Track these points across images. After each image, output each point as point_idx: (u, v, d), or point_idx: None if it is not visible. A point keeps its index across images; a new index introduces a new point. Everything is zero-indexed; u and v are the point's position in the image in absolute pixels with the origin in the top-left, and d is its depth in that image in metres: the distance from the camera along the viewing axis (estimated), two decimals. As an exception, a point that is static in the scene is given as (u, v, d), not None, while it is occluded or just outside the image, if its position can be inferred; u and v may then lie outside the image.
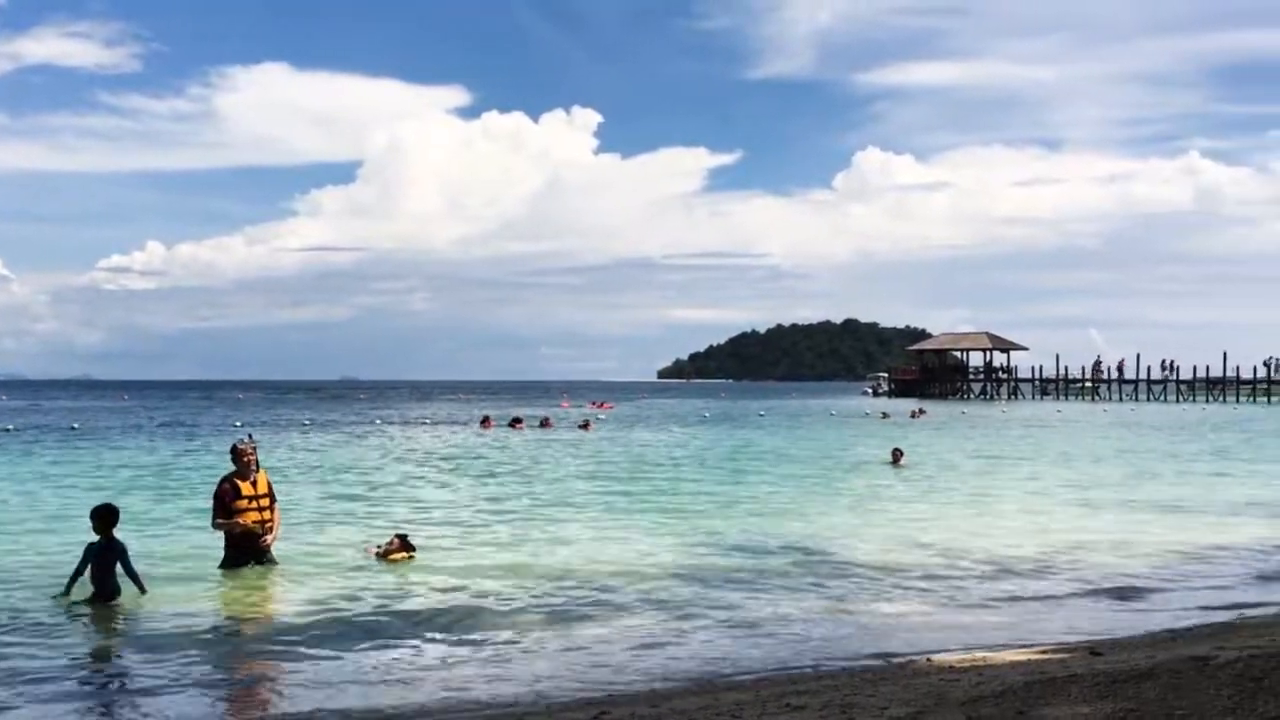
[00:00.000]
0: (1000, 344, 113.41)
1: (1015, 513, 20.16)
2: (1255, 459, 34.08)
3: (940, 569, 14.12)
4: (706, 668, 9.60)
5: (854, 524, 18.21)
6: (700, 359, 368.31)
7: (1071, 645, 9.52)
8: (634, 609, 11.77)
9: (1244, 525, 18.64)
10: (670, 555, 15.10)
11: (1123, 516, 19.75)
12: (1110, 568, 14.39)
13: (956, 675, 8.01)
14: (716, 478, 26.73)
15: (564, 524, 18.36)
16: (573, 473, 28.02)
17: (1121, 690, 6.42)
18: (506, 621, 11.17)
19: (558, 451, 35.67)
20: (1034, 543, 16.27)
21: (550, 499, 22.01)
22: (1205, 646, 7.96)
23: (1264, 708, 5.69)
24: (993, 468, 30.21)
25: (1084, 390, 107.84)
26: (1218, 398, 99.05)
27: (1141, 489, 24.59)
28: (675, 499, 21.90)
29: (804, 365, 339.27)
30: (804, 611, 11.68)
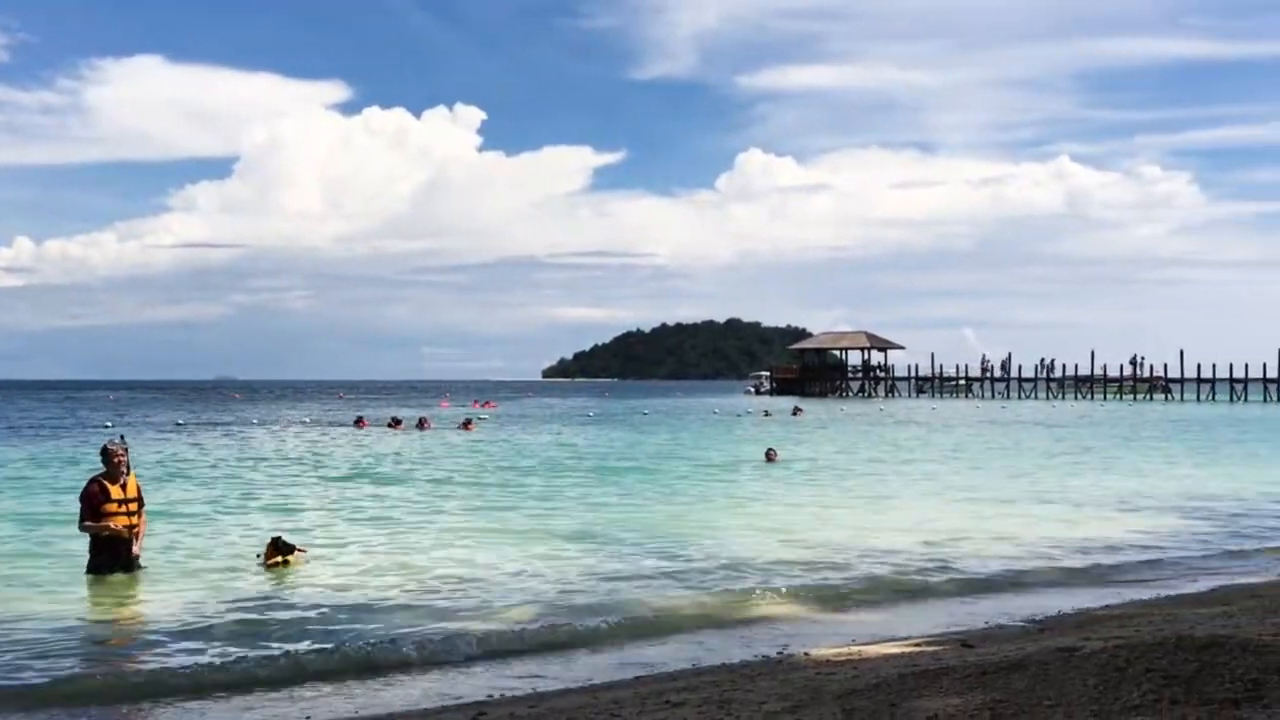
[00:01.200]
0: (878, 343, 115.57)
1: (889, 508, 20.50)
2: (1119, 455, 35.18)
3: (815, 565, 14.27)
4: (584, 665, 9.57)
5: (729, 522, 18.30)
6: (585, 358, 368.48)
7: (945, 638, 9.67)
8: (510, 609, 11.67)
9: (1110, 518, 19.21)
10: (547, 555, 15.01)
11: (994, 510, 20.20)
12: (983, 561, 14.69)
13: (833, 669, 8.07)
14: (596, 477, 26.69)
15: (439, 526, 18.14)
16: (450, 473, 27.74)
17: (992, 681, 6.52)
18: (381, 625, 10.98)
19: (436, 452, 35.29)
20: (908, 537, 16.55)
21: (426, 500, 21.75)
22: (1072, 637, 8.14)
23: (1127, 696, 5.82)
24: (868, 465, 30.69)
25: (958, 388, 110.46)
26: (1086, 395, 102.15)
27: (1012, 484, 25.21)
28: (553, 499, 21.80)
29: (688, 364, 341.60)
30: (681, 609, 11.70)
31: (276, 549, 14.09)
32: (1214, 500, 21.87)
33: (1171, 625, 8.96)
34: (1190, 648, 6.50)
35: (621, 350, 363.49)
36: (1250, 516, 19.59)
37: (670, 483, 24.96)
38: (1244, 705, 5.50)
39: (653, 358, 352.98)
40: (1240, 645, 6.48)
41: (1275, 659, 6.15)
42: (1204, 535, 17.37)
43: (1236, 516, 19.52)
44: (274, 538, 14.41)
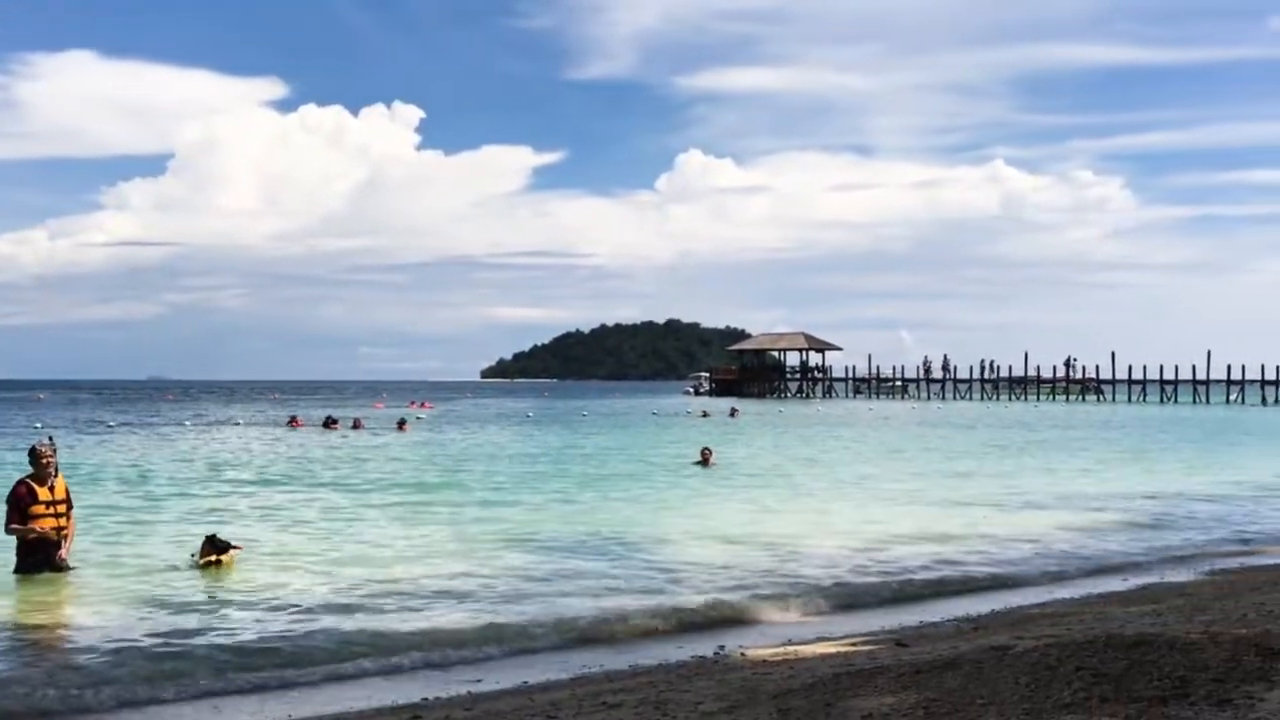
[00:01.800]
0: (816, 344, 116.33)
1: (824, 509, 20.60)
2: (1052, 456, 35.68)
3: (751, 565, 14.31)
4: (522, 667, 9.55)
5: (664, 524, 18.27)
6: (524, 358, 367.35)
7: (880, 637, 9.75)
8: (446, 612, 11.60)
9: (1042, 517, 19.45)
10: (482, 557, 14.93)
11: (928, 511, 20.40)
12: (917, 561, 14.81)
13: (769, 669, 8.11)
14: (532, 478, 26.58)
15: (372, 527, 17.99)
16: (384, 475, 27.52)
17: (925, 680, 6.58)
18: (314, 627, 10.87)
19: (370, 453, 34.99)
20: (842, 538, 16.64)
21: (359, 502, 21.56)
22: (1005, 636, 8.24)
23: (1058, 694, 5.89)
24: (803, 466, 30.84)
25: (895, 389, 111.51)
26: (1020, 396, 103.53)
27: (946, 485, 25.47)
28: (489, 501, 21.65)
29: (627, 365, 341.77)
30: (618, 610, 11.69)
31: (213, 547, 13.90)
32: (1144, 500, 22.23)
33: (1102, 624, 9.09)
34: (1120, 646, 6.60)
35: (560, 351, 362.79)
36: (1179, 516, 19.93)
37: (607, 485, 24.91)
38: (1171, 703, 5.58)
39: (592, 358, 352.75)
40: (1168, 643, 6.58)
41: (1202, 657, 6.26)
42: (1134, 534, 17.64)
43: (1165, 516, 19.86)
44: (209, 535, 14.22)
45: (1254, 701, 5.51)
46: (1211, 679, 5.88)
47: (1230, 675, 5.95)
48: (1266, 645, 6.48)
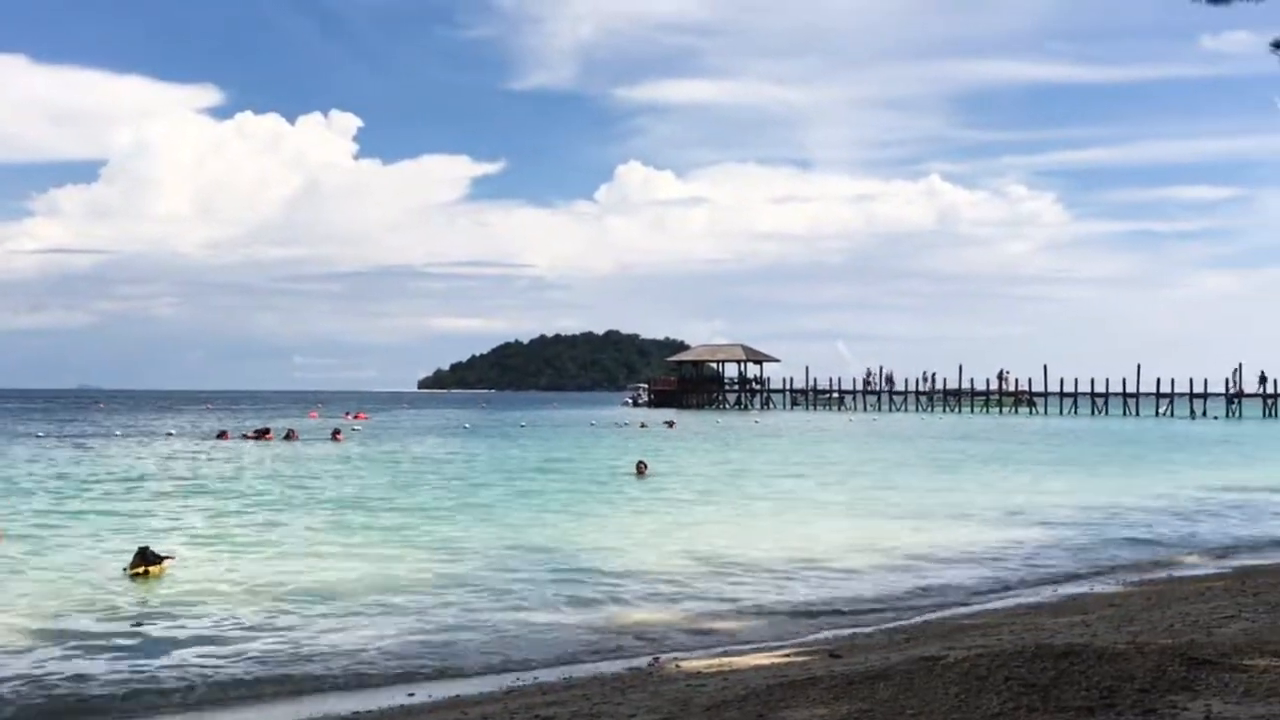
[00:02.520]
0: (754, 356, 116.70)
1: (758, 521, 20.66)
2: (985, 467, 36.05)
3: (686, 576, 14.32)
4: (456, 680, 9.48)
5: (599, 536, 18.22)
6: (462, 369, 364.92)
7: (813, 648, 9.77)
8: (376, 625, 11.49)
9: (975, 528, 19.65)
10: (414, 568, 14.82)
11: (862, 522, 20.53)
12: (850, 571, 14.90)
13: (703, 680, 8.10)
14: (467, 490, 26.39)
15: (303, 539, 17.80)
16: (317, 486, 27.21)
17: (857, 691, 6.60)
18: (243, 640, 10.73)
19: (302, 464, 34.59)
20: (776, 549, 16.70)
21: (289, 513, 21.31)
22: (936, 647, 8.29)
23: (987, 704, 5.94)
24: (738, 477, 30.89)
25: (832, 400, 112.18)
26: (954, 408, 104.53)
27: (880, 496, 25.62)
28: (422, 513, 21.47)
29: (566, 376, 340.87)
30: (553, 622, 11.65)
31: (143, 559, 13.72)
32: (1075, 511, 22.50)
33: (1032, 634, 9.19)
34: (1048, 656, 6.66)
35: (499, 361, 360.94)
36: (1110, 528, 20.19)
37: (542, 497, 24.78)
38: (1098, 712, 5.64)
39: (531, 369, 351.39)
40: (1096, 654, 6.65)
41: (1128, 667, 6.33)
42: (1065, 546, 17.85)
43: (1096, 528, 20.11)
44: (141, 547, 14.07)
45: (1178, 711, 5.58)
46: (1138, 689, 5.95)
47: (1156, 685, 6.02)
48: (1191, 655, 6.57)
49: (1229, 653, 6.73)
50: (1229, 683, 6.03)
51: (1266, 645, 7.07)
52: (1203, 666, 6.34)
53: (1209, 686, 5.99)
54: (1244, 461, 39.31)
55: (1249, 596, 10.93)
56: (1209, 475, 32.33)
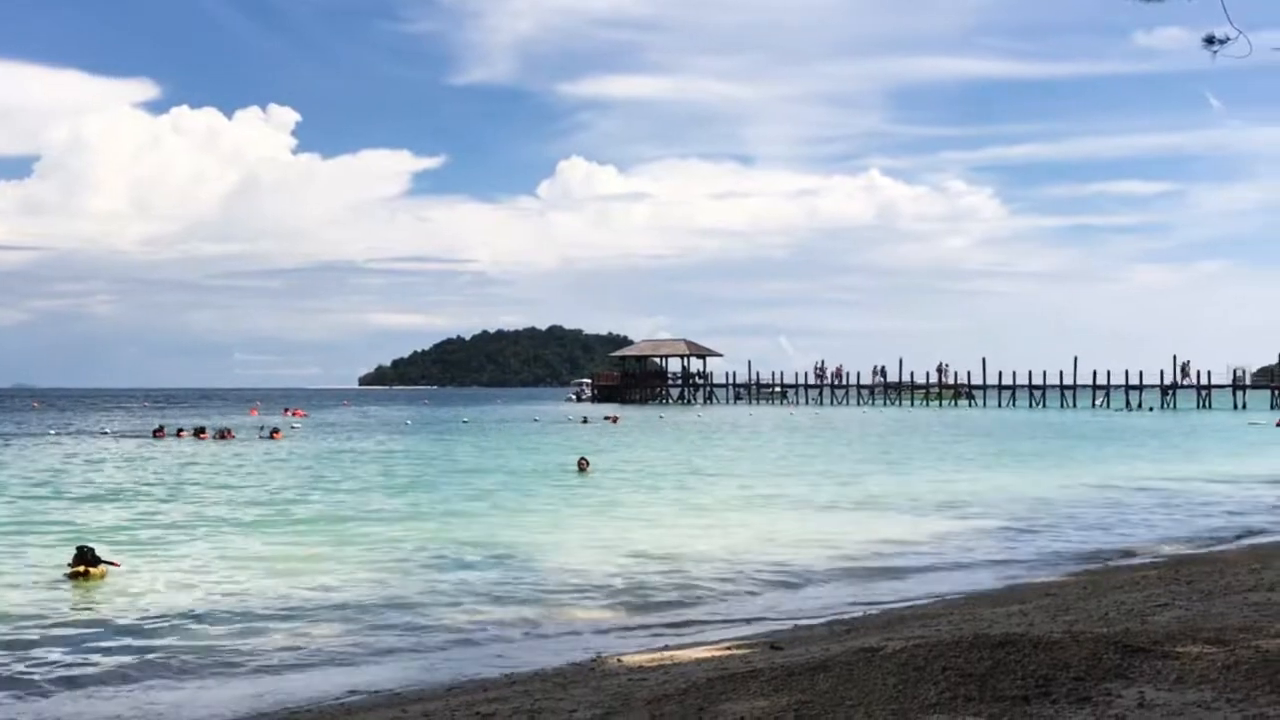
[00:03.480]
0: (697, 350, 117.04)
1: (700, 515, 20.72)
2: (926, 459, 36.38)
3: (628, 571, 14.34)
4: (397, 678, 9.42)
5: (542, 532, 18.19)
6: (404, 365, 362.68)
7: (754, 640, 9.80)
8: (320, 623, 11.39)
9: (915, 519, 19.83)
10: (355, 566, 14.72)
11: (804, 515, 20.66)
12: (793, 564, 14.98)
13: (644, 674, 8.09)
14: (408, 487, 26.24)
15: (241, 537, 17.62)
16: (255, 484, 26.93)
17: (797, 682, 6.62)
18: (184, 636, 10.61)
19: (239, 462, 34.21)
20: (718, 542, 16.76)
21: (226, 511, 21.08)
22: (875, 638, 8.34)
23: (924, 694, 5.98)
24: (681, 472, 30.97)
25: (774, 395, 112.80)
26: (894, 401, 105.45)
27: (822, 489, 25.78)
28: (363, 510, 21.32)
29: (510, 372, 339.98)
30: (496, 619, 11.62)
31: (83, 559, 13.49)
32: (1013, 502, 22.78)
33: (970, 624, 9.27)
34: (986, 646, 6.72)
35: (441, 357, 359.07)
36: (1047, 517, 20.45)
37: (484, 494, 24.68)
38: (1034, 701, 5.69)
39: (474, 365, 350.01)
40: (1032, 643, 6.72)
41: (1064, 656, 6.40)
42: (1004, 536, 18.06)
43: (1035, 517, 20.36)
44: (80, 547, 13.83)
45: (1112, 698, 5.65)
46: (1073, 677, 6.02)
47: (1091, 673, 6.09)
48: (1126, 643, 6.65)
49: (1162, 640, 6.82)
50: (1162, 670, 6.12)
51: (1199, 632, 7.17)
52: (1137, 654, 6.43)
53: (1143, 674, 6.07)
54: (1177, 453, 39.96)
55: (1182, 585, 11.10)
56: (1144, 466, 32.85)
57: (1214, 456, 37.50)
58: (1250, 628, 7.38)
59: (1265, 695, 5.51)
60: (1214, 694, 5.62)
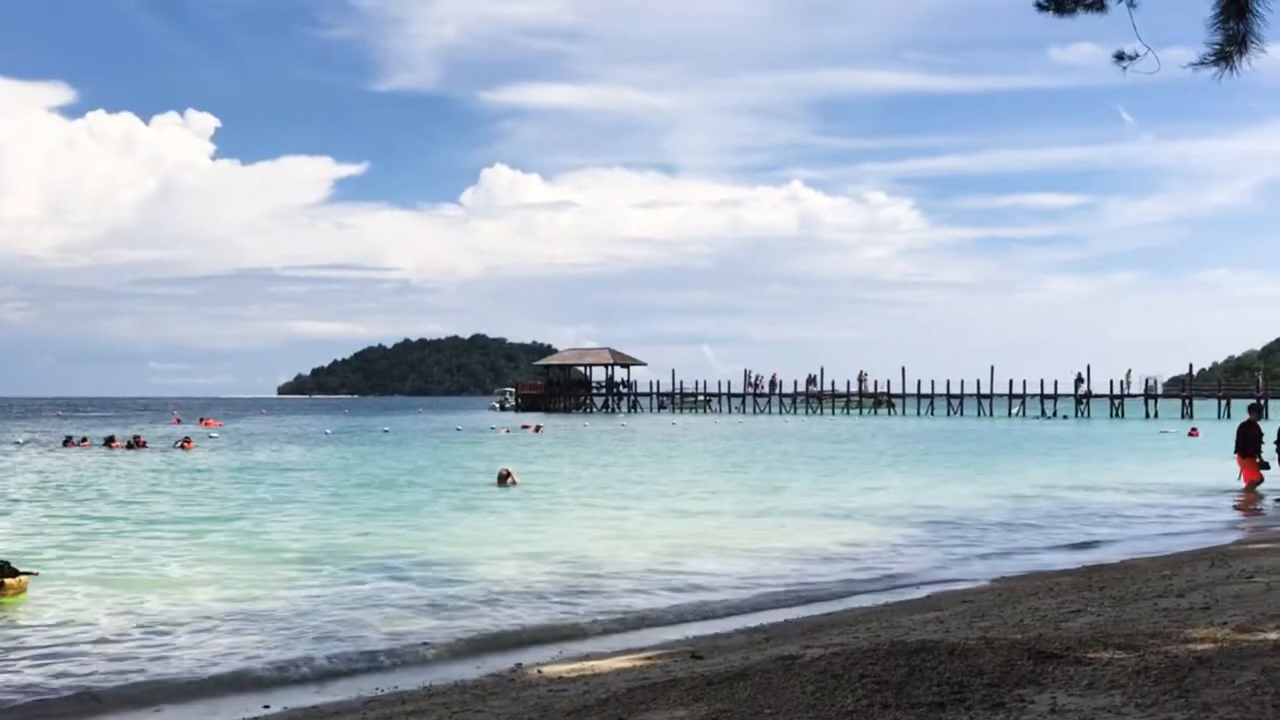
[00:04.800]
0: (621, 359, 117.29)
1: (622, 525, 20.70)
2: (846, 468, 36.74)
3: (549, 583, 14.28)
4: (313, 692, 9.30)
5: (461, 543, 18.03)
6: (323, 374, 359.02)
7: (675, 649, 9.81)
8: (232, 637, 11.21)
9: (836, 528, 19.97)
10: (269, 580, 14.50)
11: (727, 524, 20.73)
12: (714, 573, 15.02)
13: (565, 685, 8.07)
14: (325, 499, 25.92)
15: (152, 550, 17.27)
16: (164, 495, 26.44)
17: (716, 691, 6.63)
18: (97, 650, 10.41)
19: (151, 473, 33.58)
20: (640, 552, 16.76)
21: (136, 523, 20.68)
22: (794, 646, 8.39)
23: (841, 702, 6.02)
24: (603, 482, 30.96)
25: (698, 404, 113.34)
26: (815, 410, 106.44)
27: (744, 498, 25.93)
28: (277, 523, 20.99)
29: (432, 380, 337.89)
30: (415, 630, 11.51)
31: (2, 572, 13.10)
32: (931, 510, 23.06)
33: (888, 631, 9.36)
34: (902, 653, 6.78)
35: (362, 366, 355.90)
36: (964, 524, 20.74)
37: (403, 505, 24.44)
38: (949, 708, 5.75)
39: (395, 374, 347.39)
40: (948, 650, 6.79)
41: (978, 662, 6.48)
42: (922, 544, 18.27)
43: (952, 525, 20.62)
44: None
45: (1025, 704, 5.73)
46: (987, 684, 6.09)
47: (1004, 679, 6.17)
48: (1039, 649, 6.75)
49: (1074, 646, 6.93)
50: (1074, 675, 6.21)
51: (1110, 638, 7.30)
52: (1049, 660, 6.52)
53: (1055, 679, 6.16)
54: (1091, 460, 40.75)
55: (1095, 591, 11.31)
56: (1059, 473, 33.45)
57: (1127, 464, 38.29)
58: (1159, 633, 7.53)
59: (1173, 700, 5.62)
60: (1123, 699, 5.72)
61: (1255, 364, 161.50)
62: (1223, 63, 10.16)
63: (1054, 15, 10.84)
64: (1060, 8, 10.81)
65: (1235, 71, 10.18)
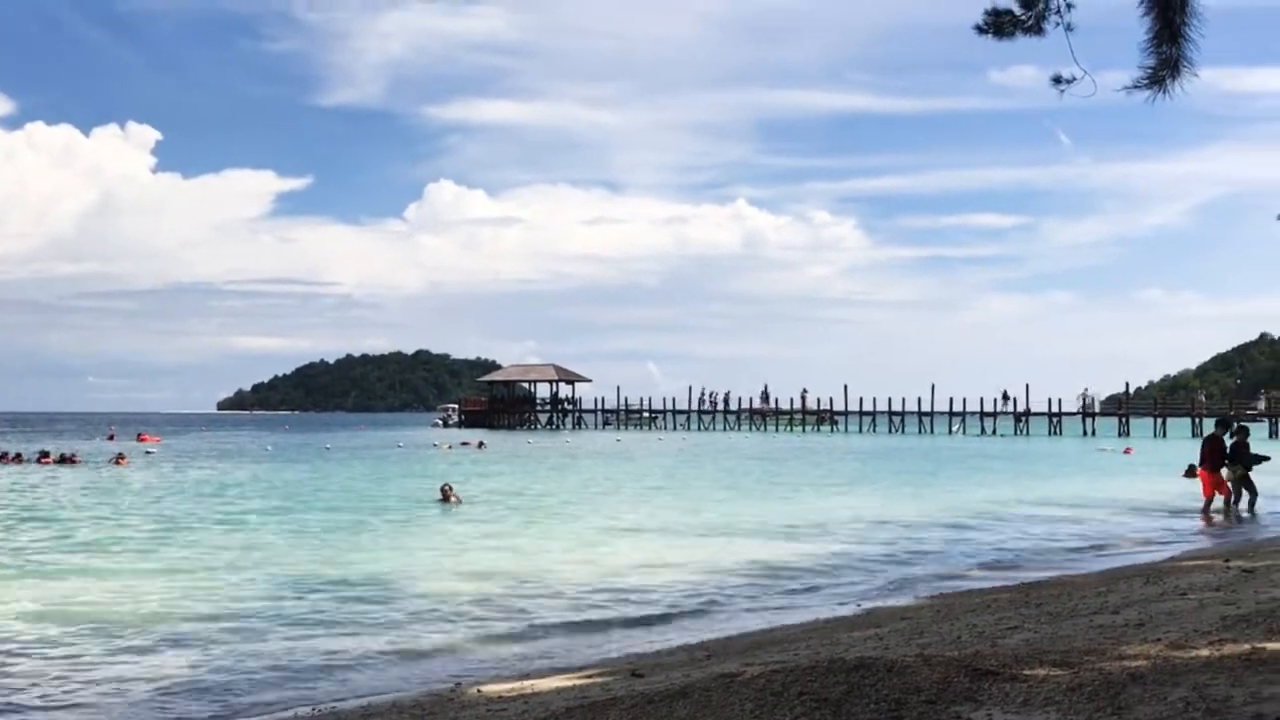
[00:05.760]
0: (566, 376, 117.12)
1: (565, 541, 20.62)
2: (789, 484, 36.86)
3: (491, 601, 14.20)
4: (250, 712, 9.16)
5: (402, 561, 17.83)
6: (264, 389, 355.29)
7: (616, 667, 9.76)
8: (162, 658, 11.03)
9: (779, 545, 20.03)
10: (201, 599, 14.28)
11: (670, 540, 20.71)
12: (658, 590, 14.99)
13: (504, 704, 8.01)
14: (263, 516, 25.49)
15: (80, 569, 16.96)
16: (97, 512, 25.96)
17: (656, 710, 6.60)
18: (17, 675, 10.17)
19: (85, 489, 32.99)
20: (584, 570, 16.71)
21: (63, 542, 20.28)
22: (735, 663, 8.37)
23: (781, 719, 6.02)
24: (546, 498, 30.83)
25: (642, 420, 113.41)
26: (759, 427, 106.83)
27: (687, 514, 25.93)
28: (213, 541, 20.67)
29: (375, 396, 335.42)
30: (353, 649, 11.39)
31: None
32: (872, 526, 23.19)
33: (828, 648, 9.38)
34: (841, 670, 6.79)
35: (304, 382, 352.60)
36: (905, 541, 20.85)
37: (343, 523, 24.10)
38: (886, 724, 5.77)
39: (337, 389, 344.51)
40: (886, 667, 6.81)
41: (916, 679, 6.51)
42: (862, 559, 18.34)
43: (891, 541, 20.73)
44: None
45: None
46: (924, 700, 6.12)
47: (942, 696, 6.20)
48: (976, 666, 6.79)
49: (1010, 663, 6.98)
50: (1010, 692, 6.25)
51: (1045, 655, 7.36)
52: (986, 677, 6.56)
53: (991, 696, 6.20)
54: (1030, 477, 41.15)
55: (1032, 608, 11.40)
56: (998, 490, 33.75)
57: (1065, 481, 38.74)
58: (1094, 650, 7.61)
59: (1106, 717, 5.68)
60: (1058, 716, 5.77)
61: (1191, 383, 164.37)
62: (1156, 86, 10.35)
63: (993, 38, 11.00)
64: (999, 31, 10.96)
65: (1168, 95, 10.39)
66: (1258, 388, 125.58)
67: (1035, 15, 10.80)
